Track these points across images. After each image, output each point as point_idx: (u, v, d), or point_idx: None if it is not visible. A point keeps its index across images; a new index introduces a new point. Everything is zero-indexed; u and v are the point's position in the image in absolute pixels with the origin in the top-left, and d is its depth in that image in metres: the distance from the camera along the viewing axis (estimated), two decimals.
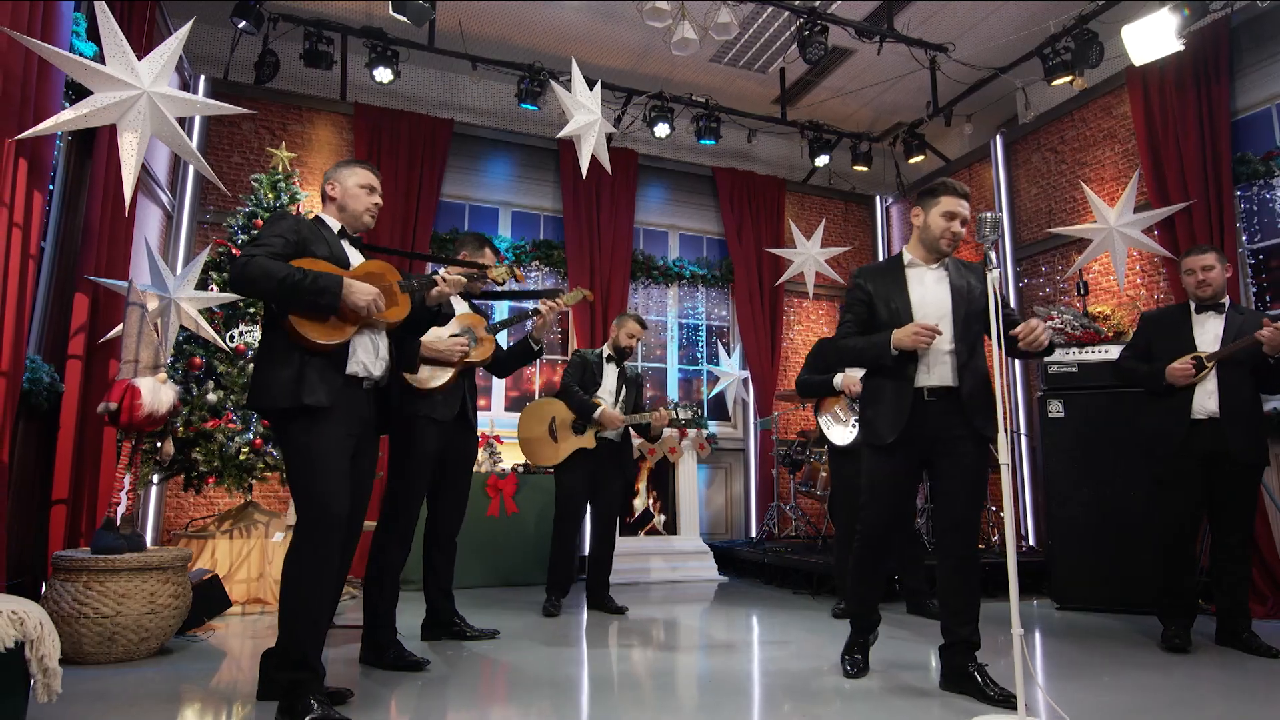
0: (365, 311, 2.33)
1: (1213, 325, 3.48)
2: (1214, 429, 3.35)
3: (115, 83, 2.82)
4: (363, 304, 2.32)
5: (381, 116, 6.11)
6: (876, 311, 2.85)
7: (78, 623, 2.88)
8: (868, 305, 2.87)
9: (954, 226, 2.76)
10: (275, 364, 2.28)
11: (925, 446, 2.74)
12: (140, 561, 3.00)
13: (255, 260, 2.24)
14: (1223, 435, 3.33)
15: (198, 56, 5.72)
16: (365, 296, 2.32)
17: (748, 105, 7.07)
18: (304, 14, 5.48)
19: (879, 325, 2.83)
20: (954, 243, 2.79)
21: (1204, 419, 3.37)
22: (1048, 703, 2.39)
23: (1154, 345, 3.57)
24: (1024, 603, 4.59)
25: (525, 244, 6.55)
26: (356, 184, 2.60)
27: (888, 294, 2.84)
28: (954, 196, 2.76)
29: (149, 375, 3.23)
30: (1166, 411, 3.46)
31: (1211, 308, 3.50)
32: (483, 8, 5.72)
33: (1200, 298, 3.50)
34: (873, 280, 2.89)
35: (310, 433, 2.26)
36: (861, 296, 2.89)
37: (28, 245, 2.90)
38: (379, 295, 2.37)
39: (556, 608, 4.17)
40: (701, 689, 2.77)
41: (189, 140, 3.13)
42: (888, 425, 2.75)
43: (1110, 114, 5.70)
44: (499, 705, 2.51)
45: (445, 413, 3.25)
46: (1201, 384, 3.38)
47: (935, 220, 2.77)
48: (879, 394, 2.82)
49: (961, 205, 2.76)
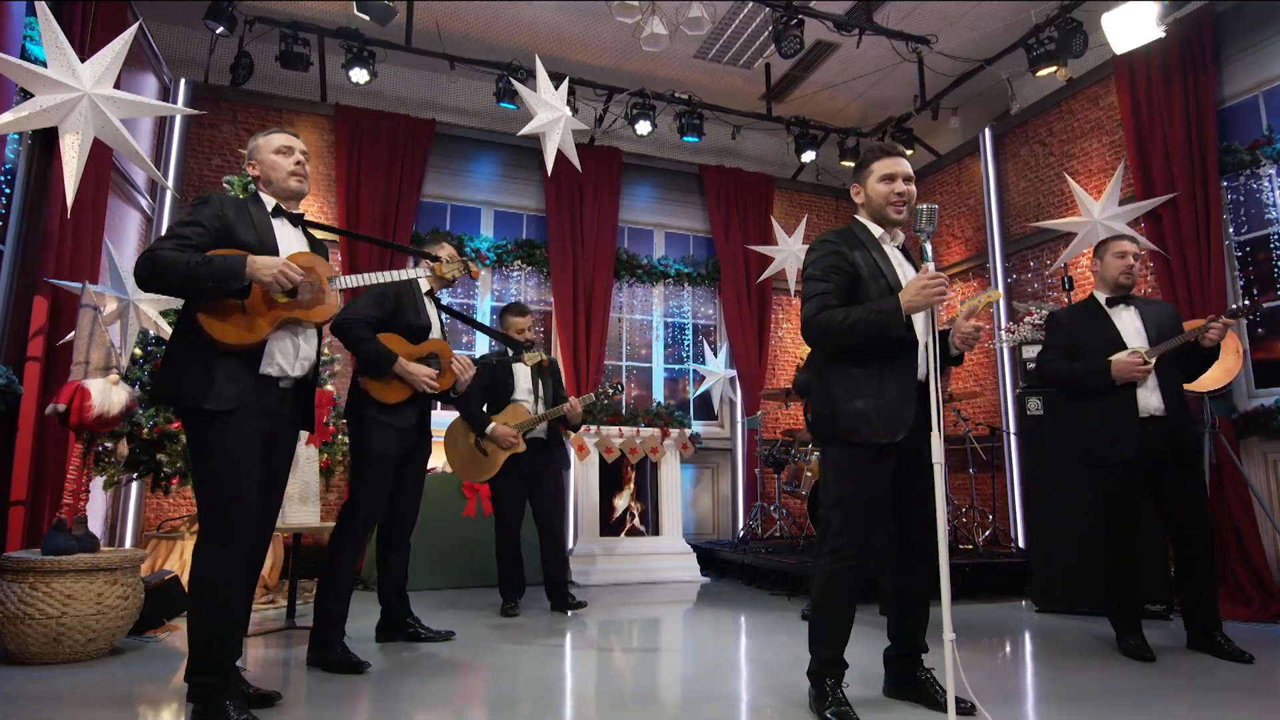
0: (273, 287, 2.20)
1: (1130, 318, 3.38)
2: (1160, 426, 3.23)
3: (56, 85, 2.83)
4: (268, 278, 2.17)
5: (362, 117, 6.11)
6: (864, 286, 2.41)
7: (23, 623, 2.89)
8: (852, 276, 2.42)
9: (897, 187, 2.46)
10: (184, 361, 2.20)
11: (903, 447, 2.35)
12: (87, 563, 3.00)
13: (158, 254, 2.13)
14: (1169, 432, 3.22)
15: (177, 59, 5.75)
16: (269, 269, 2.17)
17: (735, 102, 7.00)
18: (279, 15, 5.49)
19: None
20: (902, 206, 2.47)
21: (1147, 417, 3.24)
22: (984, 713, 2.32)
23: (1078, 344, 3.41)
24: (1005, 605, 4.49)
25: (507, 243, 6.53)
26: (271, 151, 2.46)
27: (876, 268, 2.43)
28: (887, 157, 2.49)
29: (100, 376, 3.24)
30: (1111, 411, 3.29)
31: (1122, 300, 3.40)
32: (460, 7, 5.70)
33: (1125, 285, 3.38)
34: (855, 251, 2.45)
35: (216, 431, 2.18)
36: (844, 265, 2.42)
37: None
38: (288, 265, 2.22)
39: (515, 608, 4.14)
40: (630, 690, 2.72)
41: (133, 141, 3.13)
42: (889, 423, 2.32)
43: (1098, 105, 5.58)
44: (428, 708, 2.47)
45: (405, 421, 3.25)
46: (1142, 383, 3.26)
47: (874, 188, 2.50)
48: (874, 383, 2.37)
49: (898, 164, 2.49)
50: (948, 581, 2.17)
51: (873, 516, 2.39)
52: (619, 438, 5.87)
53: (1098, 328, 3.38)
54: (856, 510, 2.37)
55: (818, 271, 2.46)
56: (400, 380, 3.20)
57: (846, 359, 2.43)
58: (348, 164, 5.99)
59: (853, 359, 2.41)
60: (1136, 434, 3.23)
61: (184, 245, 2.20)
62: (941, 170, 7.14)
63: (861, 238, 2.52)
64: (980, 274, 6.59)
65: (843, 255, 2.44)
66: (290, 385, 2.41)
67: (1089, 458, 3.36)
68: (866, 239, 2.52)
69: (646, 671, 3.02)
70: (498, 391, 4.24)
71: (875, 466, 2.37)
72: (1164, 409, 3.23)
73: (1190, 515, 3.25)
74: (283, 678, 2.78)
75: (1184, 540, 3.29)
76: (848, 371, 2.42)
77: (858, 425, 2.35)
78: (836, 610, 2.39)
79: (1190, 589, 3.30)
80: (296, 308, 2.33)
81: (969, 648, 3.36)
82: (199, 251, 2.20)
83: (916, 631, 2.56)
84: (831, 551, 2.38)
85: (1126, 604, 3.30)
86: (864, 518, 2.37)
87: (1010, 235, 6.24)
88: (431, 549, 5.16)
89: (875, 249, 2.50)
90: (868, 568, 2.44)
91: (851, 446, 2.38)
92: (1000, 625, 3.92)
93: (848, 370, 2.42)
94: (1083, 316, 3.47)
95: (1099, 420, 3.32)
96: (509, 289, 6.61)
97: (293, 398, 2.44)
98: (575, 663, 3.16)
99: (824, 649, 2.39)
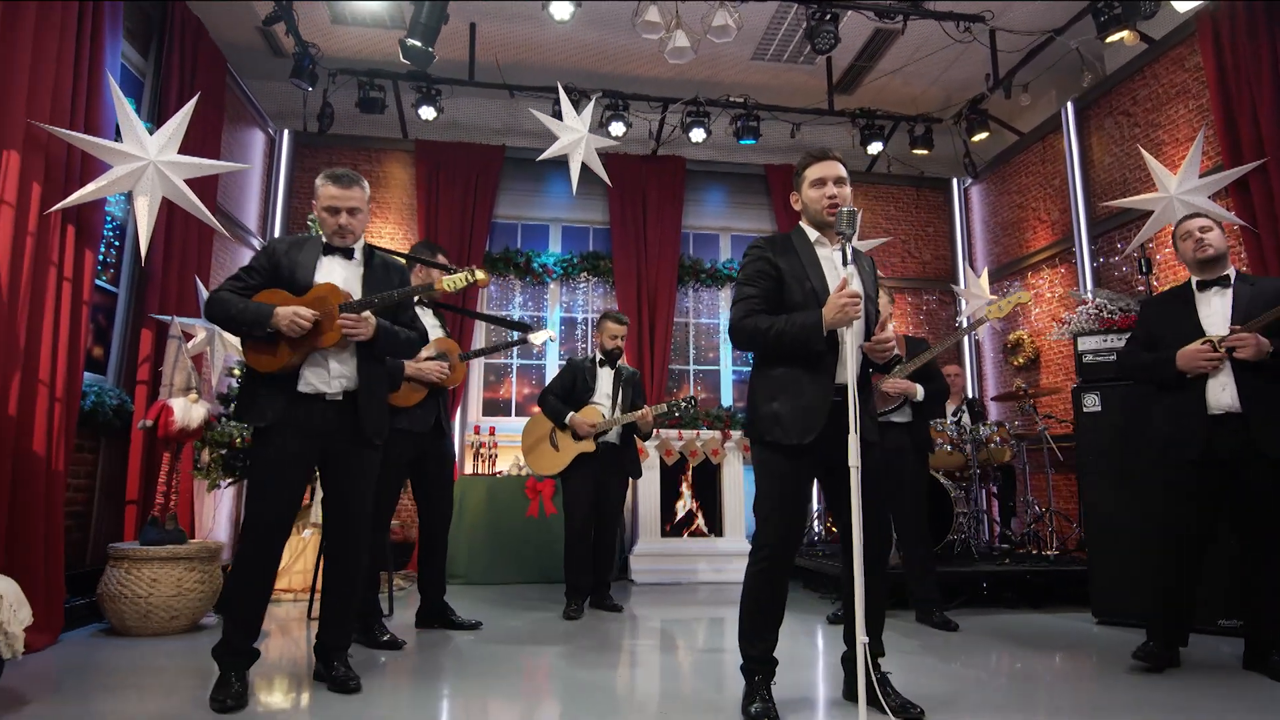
0: (287, 331, 2.53)
1: (1219, 303, 3.01)
2: (1235, 425, 2.89)
3: (127, 156, 3.42)
4: (283, 325, 2.53)
5: (438, 150, 6.65)
6: (788, 290, 2.48)
7: (120, 601, 3.50)
8: (777, 280, 2.49)
9: (828, 190, 2.48)
10: (242, 385, 2.66)
11: (828, 451, 2.36)
12: (169, 553, 3.59)
13: (218, 294, 2.59)
14: (1247, 431, 2.86)
15: (279, 113, 6.54)
16: (283, 319, 2.53)
17: (800, 99, 6.93)
18: (358, 66, 6.12)
19: (792, 307, 2.46)
20: (835, 209, 2.46)
21: (1221, 414, 2.91)
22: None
23: (1158, 334, 3.13)
24: (1068, 616, 4.20)
25: (573, 257, 6.85)
26: (320, 208, 2.73)
27: (801, 272, 2.49)
28: (818, 163, 2.55)
29: (181, 396, 3.84)
30: (1177, 410, 3.01)
31: (1215, 282, 3.05)
32: (518, 37, 6.08)
33: (1201, 260, 3.03)
34: (782, 256, 2.52)
35: (261, 444, 2.58)
36: (769, 270, 2.50)
37: (79, 294, 3.57)
38: (297, 314, 2.53)
39: (577, 612, 4.19)
40: (638, 695, 2.87)
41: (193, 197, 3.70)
42: (799, 425, 2.38)
43: (1182, 67, 5.05)
44: (455, 684, 2.77)
45: (421, 425, 3.59)
46: (1214, 375, 2.93)
47: (809, 194, 2.54)
48: (790, 387, 2.42)
49: (828, 167, 2.52)
50: (861, 583, 2.17)
51: (787, 517, 2.42)
52: (679, 440, 6.01)
53: (1177, 315, 3.09)
54: (771, 510, 2.42)
55: (744, 277, 2.56)
56: (413, 382, 3.53)
57: (772, 361, 2.50)
58: (426, 193, 6.55)
59: (778, 361, 2.48)
60: (1203, 434, 2.92)
61: (239, 287, 2.63)
62: (1025, 150, 6.68)
63: (795, 243, 2.57)
64: (1066, 259, 6.12)
65: (768, 261, 2.51)
66: (337, 398, 2.66)
67: (1156, 457, 3.12)
68: (800, 244, 2.56)
69: (669, 669, 3.17)
70: (577, 393, 4.45)
71: (789, 467, 2.41)
72: (1239, 405, 2.88)
73: (1257, 526, 2.93)
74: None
75: (1249, 552, 2.99)
76: (770, 374, 2.49)
77: (770, 426, 2.42)
78: (757, 609, 2.44)
79: (1250, 604, 3.00)
80: (317, 337, 2.61)
81: (977, 657, 3.23)
82: (252, 291, 2.62)
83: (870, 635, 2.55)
84: (752, 553, 2.46)
85: (1164, 610, 3.03)
86: (778, 518, 2.41)
87: (1096, 216, 5.75)
88: (498, 547, 5.56)
89: (806, 253, 2.53)
90: (787, 569, 2.44)
91: (766, 446, 2.44)
92: (1038, 636, 3.70)
93: (770, 372, 2.49)
94: (1166, 304, 3.19)
95: (1163, 418, 3.08)
96: (576, 300, 6.93)
97: (341, 410, 2.66)
98: (595, 663, 3.36)
99: (748, 647, 2.45)
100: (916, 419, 4.07)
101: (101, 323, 4.21)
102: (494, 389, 6.82)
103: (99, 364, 4.17)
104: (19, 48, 3.20)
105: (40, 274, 3.31)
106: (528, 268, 6.74)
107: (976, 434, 5.23)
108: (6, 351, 3.07)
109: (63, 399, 3.44)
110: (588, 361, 4.53)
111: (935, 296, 7.34)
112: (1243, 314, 2.94)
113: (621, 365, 4.54)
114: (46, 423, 3.29)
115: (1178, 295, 3.18)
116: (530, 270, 6.75)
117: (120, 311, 4.32)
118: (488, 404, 6.74)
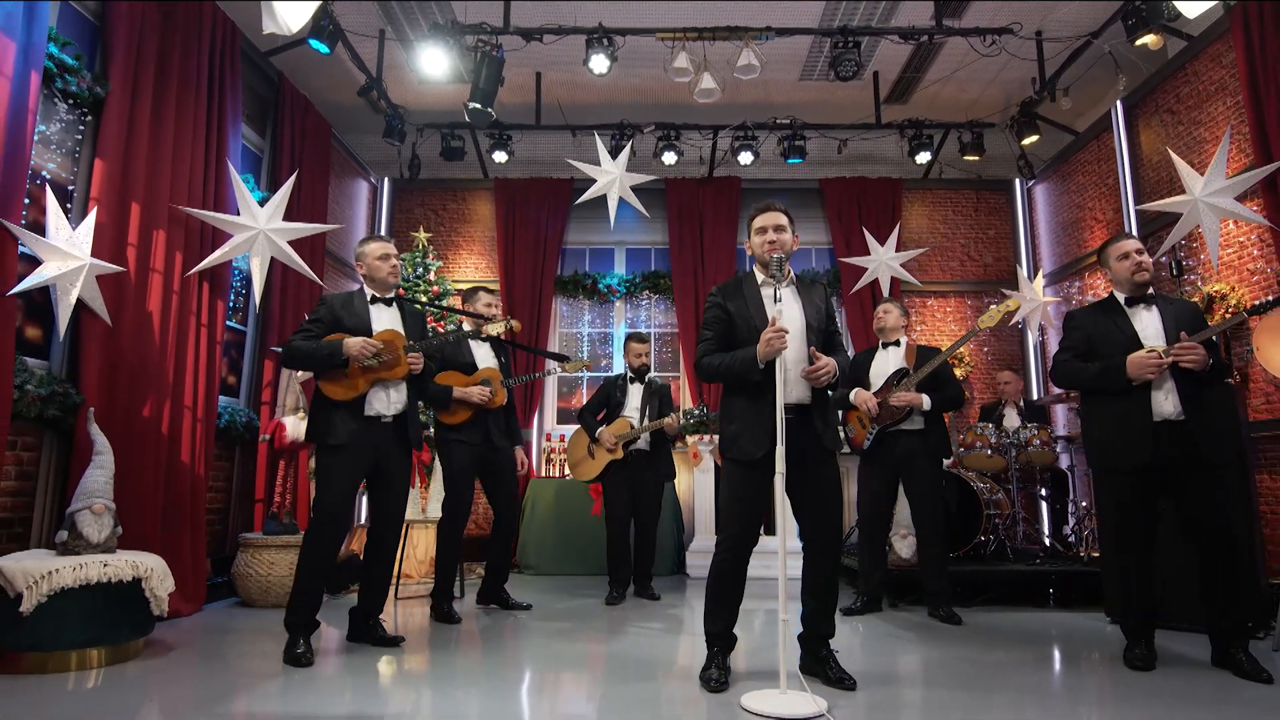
0: (359, 359, 3.24)
1: (1149, 318, 3.24)
2: (1176, 432, 3.08)
3: (242, 227, 4.32)
4: (355, 353, 3.24)
5: (515, 186, 7.43)
6: (736, 329, 2.93)
7: (247, 580, 4.41)
8: (727, 323, 2.96)
9: (768, 238, 2.93)
10: (314, 412, 3.36)
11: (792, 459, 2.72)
12: (283, 542, 4.47)
13: (292, 344, 3.34)
14: (1190, 437, 3.06)
15: (380, 161, 7.52)
16: (354, 348, 3.24)
17: (851, 112, 7.17)
18: (441, 120, 6.99)
19: (740, 343, 2.89)
20: (774, 252, 2.88)
21: (1161, 421, 3.10)
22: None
23: (1095, 345, 3.32)
24: (1085, 615, 4.34)
25: (634, 276, 7.44)
26: (375, 257, 3.44)
27: (746, 312, 2.92)
28: (761, 214, 2.99)
29: (291, 414, 4.74)
30: (1123, 417, 3.18)
31: (1141, 300, 3.27)
32: (577, 81, 6.73)
33: (1138, 284, 3.26)
34: (731, 299, 2.97)
35: (329, 459, 3.31)
36: (721, 315, 2.97)
37: (213, 336, 4.51)
38: (366, 343, 3.24)
39: (618, 597, 4.79)
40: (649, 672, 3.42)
41: (295, 256, 4.56)
42: (753, 442, 2.79)
43: (1220, 63, 4.97)
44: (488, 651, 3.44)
45: (473, 438, 4.27)
46: (1158, 385, 3.13)
47: (754, 240, 3.00)
48: (749, 411, 2.84)
49: (769, 218, 2.95)
50: (784, 566, 2.62)
51: (745, 517, 2.89)
52: (705, 444, 6.42)
53: (1115, 326, 3.30)
54: (732, 512, 2.91)
55: (703, 322, 3.07)
56: (462, 404, 4.21)
57: (731, 391, 2.98)
58: (505, 225, 7.34)
59: (731, 391, 2.97)
60: (1148, 440, 3.11)
61: (308, 335, 3.36)
62: (1082, 149, 6.62)
63: (744, 286, 3.03)
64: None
65: (720, 306, 3.01)
66: (391, 420, 3.42)
67: (1097, 462, 3.32)
68: (748, 286, 3.02)
69: (683, 651, 3.70)
70: (611, 408, 5.09)
71: (747, 477, 2.87)
72: (1182, 413, 3.09)
73: (1208, 528, 3.09)
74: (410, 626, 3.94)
75: (1203, 553, 3.14)
76: (729, 400, 2.97)
77: (729, 445, 2.91)
78: (719, 593, 2.93)
79: (1211, 603, 3.14)
80: (382, 369, 3.34)
81: (954, 646, 3.52)
82: (318, 339, 3.34)
83: (820, 616, 2.97)
84: (716, 545, 2.94)
85: (1129, 611, 3.23)
86: (738, 518, 2.90)
87: (1146, 216, 5.69)
88: (563, 542, 6.21)
89: (751, 294, 2.99)
90: (745, 560, 2.92)
91: (729, 461, 2.93)
92: (1033, 632, 3.91)
93: (730, 400, 2.98)
94: (1100, 315, 3.40)
95: (1109, 424, 3.26)
96: (639, 316, 7.52)
97: (396, 428, 3.41)
98: (625, 645, 3.93)
99: (710, 624, 2.95)
100: (929, 425, 4.34)
101: (234, 355, 5.21)
102: (566, 399, 7.52)
103: (233, 389, 5.17)
104: (163, 144, 4.15)
105: (183, 322, 4.26)
106: (594, 288, 7.40)
107: (1017, 437, 5.35)
108: (158, 384, 4.01)
109: (203, 419, 4.38)
110: (619, 379, 5.09)
111: (996, 300, 7.35)
112: (1171, 328, 3.17)
113: (651, 378, 5.07)
114: (190, 439, 4.23)
115: (1109, 309, 3.37)
116: (597, 291, 7.40)
117: (248, 346, 5.31)
118: (561, 413, 7.45)
